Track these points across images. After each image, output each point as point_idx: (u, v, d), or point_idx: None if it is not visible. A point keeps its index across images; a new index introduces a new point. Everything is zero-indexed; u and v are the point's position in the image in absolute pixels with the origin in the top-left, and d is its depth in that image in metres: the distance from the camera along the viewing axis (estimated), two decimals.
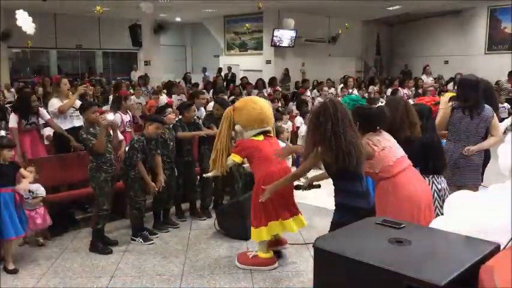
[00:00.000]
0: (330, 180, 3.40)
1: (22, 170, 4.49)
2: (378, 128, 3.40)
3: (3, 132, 5.35)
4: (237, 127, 4.31)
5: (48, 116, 5.82)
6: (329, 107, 3.13)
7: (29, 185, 4.52)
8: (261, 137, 4.25)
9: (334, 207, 3.34)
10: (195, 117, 5.85)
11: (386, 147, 3.28)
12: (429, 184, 3.80)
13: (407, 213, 3.14)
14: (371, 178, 3.52)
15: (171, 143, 5.26)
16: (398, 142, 3.43)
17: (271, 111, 4.43)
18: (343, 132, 3.08)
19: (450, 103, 4.44)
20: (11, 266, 4.31)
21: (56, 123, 5.77)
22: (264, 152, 4.16)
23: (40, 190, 4.83)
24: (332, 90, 11.05)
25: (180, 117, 5.69)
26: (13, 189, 4.29)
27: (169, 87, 10.40)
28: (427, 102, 4.70)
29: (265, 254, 4.29)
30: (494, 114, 4.40)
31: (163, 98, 8.77)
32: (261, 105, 4.28)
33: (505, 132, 4.84)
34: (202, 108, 7.22)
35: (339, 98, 6.23)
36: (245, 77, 12.72)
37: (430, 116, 3.95)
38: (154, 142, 4.97)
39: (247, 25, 16.45)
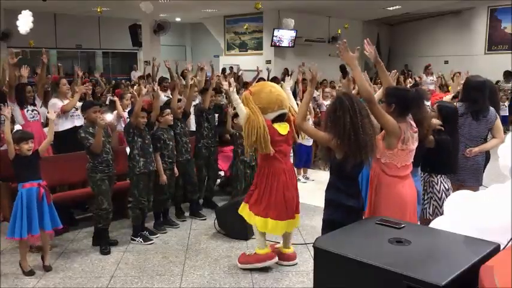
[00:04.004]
0: None
1: (40, 148, 4.38)
2: (411, 111, 3.29)
3: (19, 126, 5.34)
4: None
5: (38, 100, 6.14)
6: (344, 100, 3.09)
7: None
8: (284, 130, 4.11)
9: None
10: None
11: (407, 150, 3.23)
12: (437, 183, 3.85)
13: (388, 207, 3.17)
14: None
15: (170, 143, 5.26)
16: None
17: (287, 96, 4.26)
18: (362, 124, 3.04)
19: (454, 104, 4.43)
20: (27, 268, 4.27)
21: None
22: (279, 148, 4.10)
23: None
24: (328, 89, 10.98)
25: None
26: (39, 183, 4.22)
27: (161, 82, 10.34)
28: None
29: (263, 249, 4.28)
30: (497, 116, 4.40)
31: (163, 97, 8.73)
32: (278, 88, 4.20)
33: (505, 133, 4.83)
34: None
35: None
36: (241, 76, 12.62)
37: (451, 117, 3.88)
38: (144, 139, 4.96)
39: (247, 25, 16.44)
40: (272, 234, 4.33)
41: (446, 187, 3.85)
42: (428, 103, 5.37)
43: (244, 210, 4.32)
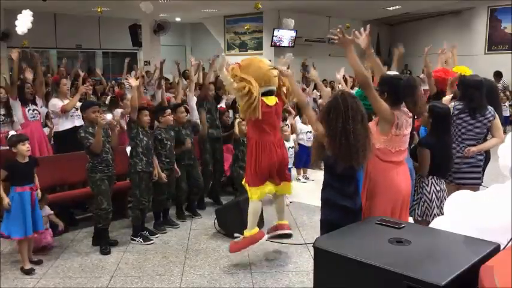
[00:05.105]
0: None
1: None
2: (404, 100, 3.30)
3: (13, 132, 5.37)
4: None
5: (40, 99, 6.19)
6: (340, 101, 3.05)
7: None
8: (272, 101, 4.17)
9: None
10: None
11: (401, 135, 3.24)
12: (428, 184, 3.82)
13: (382, 194, 3.20)
14: None
15: (168, 143, 5.26)
16: None
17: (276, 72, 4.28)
18: (353, 129, 3.00)
19: (452, 103, 4.43)
20: (27, 266, 4.32)
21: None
22: (267, 119, 4.17)
23: (46, 211, 4.84)
24: (328, 89, 10.98)
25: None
26: (31, 187, 4.29)
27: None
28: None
29: (251, 231, 4.34)
30: (496, 115, 4.39)
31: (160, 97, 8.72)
32: (267, 63, 4.26)
33: (505, 133, 4.84)
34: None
35: None
36: None
37: (442, 118, 3.88)
38: (149, 139, 4.98)
39: (247, 25, 16.44)
40: (264, 196, 4.41)
41: (438, 189, 3.82)
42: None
43: (247, 188, 4.42)
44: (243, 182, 4.50)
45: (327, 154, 3.16)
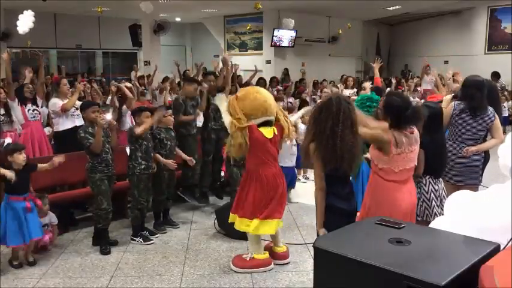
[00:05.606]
0: None
1: (40, 166, 4.51)
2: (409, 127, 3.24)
3: (9, 140, 5.38)
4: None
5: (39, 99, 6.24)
6: (333, 104, 3.06)
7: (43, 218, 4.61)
8: (270, 134, 4.13)
9: None
10: None
11: (404, 154, 3.18)
12: (426, 184, 3.80)
13: (381, 213, 3.14)
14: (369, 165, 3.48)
15: (169, 143, 5.26)
16: None
17: (274, 102, 4.28)
18: (341, 133, 3.01)
19: (452, 103, 4.44)
20: (15, 262, 4.37)
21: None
22: (267, 149, 4.13)
23: (53, 219, 4.86)
24: (327, 90, 10.97)
25: None
26: (25, 197, 4.30)
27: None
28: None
29: (261, 255, 4.28)
30: (496, 116, 4.40)
31: (161, 98, 8.75)
32: (265, 94, 4.21)
33: (504, 133, 4.83)
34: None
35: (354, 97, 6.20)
36: (240, 76, 12.58)
37: (434, 117, 3.86)
38: (149, 142, 5.00)
39: (248, 25, 16.45)
40: (265, 233, 4.33)
41: (436, 188, 3.80)
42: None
43: (235, 220, 4.32)
44: (236, 219, 4.33)
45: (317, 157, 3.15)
